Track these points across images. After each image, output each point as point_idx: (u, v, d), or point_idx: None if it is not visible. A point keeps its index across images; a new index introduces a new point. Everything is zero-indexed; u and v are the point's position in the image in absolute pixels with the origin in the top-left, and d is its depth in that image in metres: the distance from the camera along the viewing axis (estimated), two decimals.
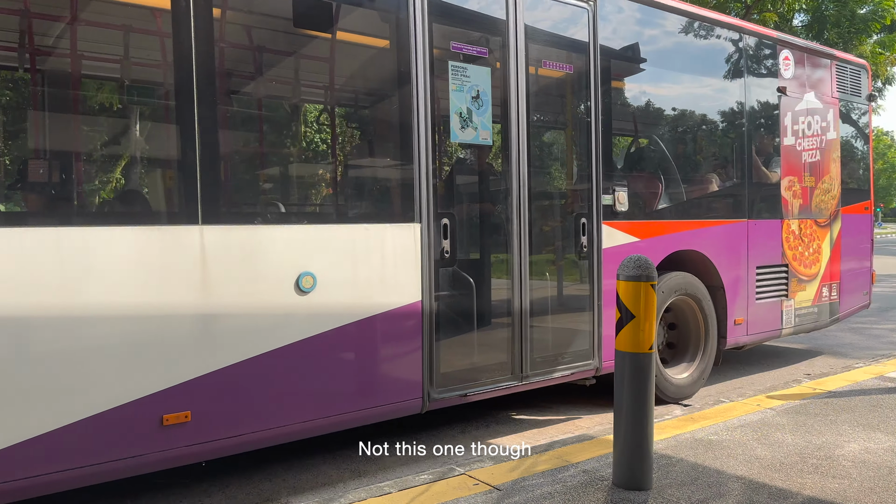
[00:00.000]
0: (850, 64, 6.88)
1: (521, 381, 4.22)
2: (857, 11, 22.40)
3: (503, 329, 4.15)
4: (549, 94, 4.71)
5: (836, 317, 6.62)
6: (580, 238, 4.46)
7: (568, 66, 4.53)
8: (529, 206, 4.19)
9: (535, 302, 4.25)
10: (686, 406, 4.91)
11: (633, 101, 5.35)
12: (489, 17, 4.10)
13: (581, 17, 4.49)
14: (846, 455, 3.66)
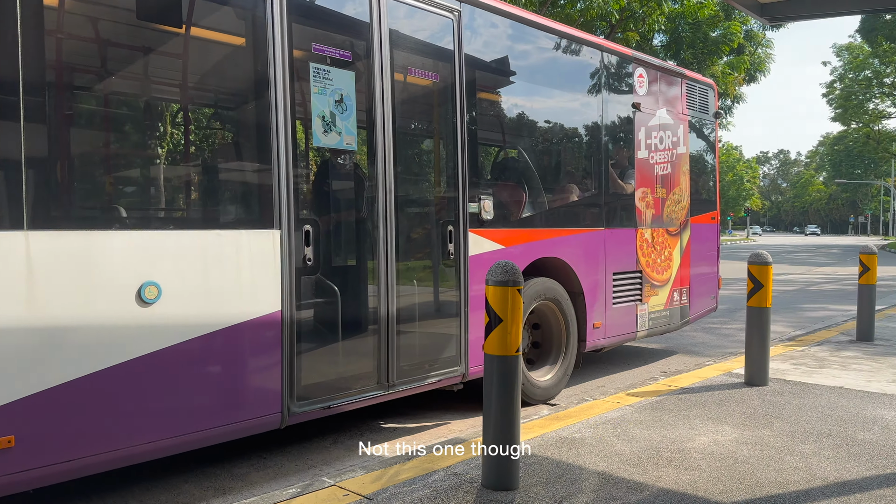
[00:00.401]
0: (698, 83, 7.42)
1: (388, 390, 4.15)
2: (710, 34, 24.34)
3: (369, 338, 4.06)
4: (415, 102, 4.71)
5: (687, 319, 7.09)
6: (447, 245, 4.49)
7: (434, 74, 4.56)
8: (396, 213, 4.14)
9: (401, 310, 4.20)
10: (553, 405, 5.06)
11: (499, 111, 5.48)
12: (352, 20, 4.04)
13: (446, 26, 4.54)
14: (697, 448, 3.90)
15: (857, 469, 3.59)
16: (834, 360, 6.44)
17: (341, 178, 4.06)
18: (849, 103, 46.86)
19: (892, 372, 5.96)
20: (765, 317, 5.45)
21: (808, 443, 4.00)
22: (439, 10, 4.46)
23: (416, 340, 4.38)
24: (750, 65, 26.99)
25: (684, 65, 23.60)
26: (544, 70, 5.66)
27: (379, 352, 4.08)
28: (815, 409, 4.74)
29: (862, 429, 4.29)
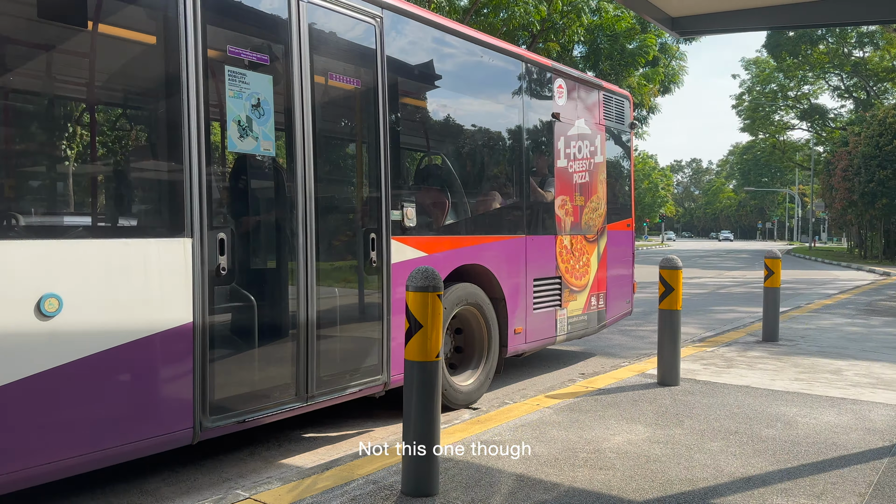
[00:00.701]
0: (615, 94, 7.67)
1: (307, 401, 4.06)
2: (627, 46, 25.20)
3: (287, 348, 3.97)
4: (336, 107, 4.67)
5: (604, 323, 7.30)
6: (370, 253, 4.47)
7: (355, 80, 4.53)
8: (316, 221, 4.07)
9: (322, 319, 4.13)
10: (475, 409, 5.11)
11: (421, 119, 5.51)
12: (270, 23, 3.97)
13: (368, 31, 4.53)
14: (612, 447, 4.02)
15: (762, 464, 3.78)
16: (741, 360, 6.77)
17: (259, 185, 3.98)
18: (756, 115, 49.45)
19: (794, 371, 6.32)
20: (676, 319, 5.68)
21: (717, 440, 4.19)
22: (360, 16, 4.45)
23: (336, 350, 4.33)
24: (664, 76, 28.11)
25: (603, 75, 24.36)
26: (466, 78, 5.73)
27: (297, 362, 3.99)
28: (723, 407, 4.96)
29: (766, 426, 4.52)
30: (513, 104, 6.09)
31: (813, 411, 4.89)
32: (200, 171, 3.46)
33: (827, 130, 47.52)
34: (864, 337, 8.56)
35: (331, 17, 4.27)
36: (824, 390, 5.54)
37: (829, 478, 3.59)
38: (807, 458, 3.90)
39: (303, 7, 4.03)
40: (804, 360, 6.82)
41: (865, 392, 5.51)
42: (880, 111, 32.67)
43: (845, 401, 5.21)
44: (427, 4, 18.52)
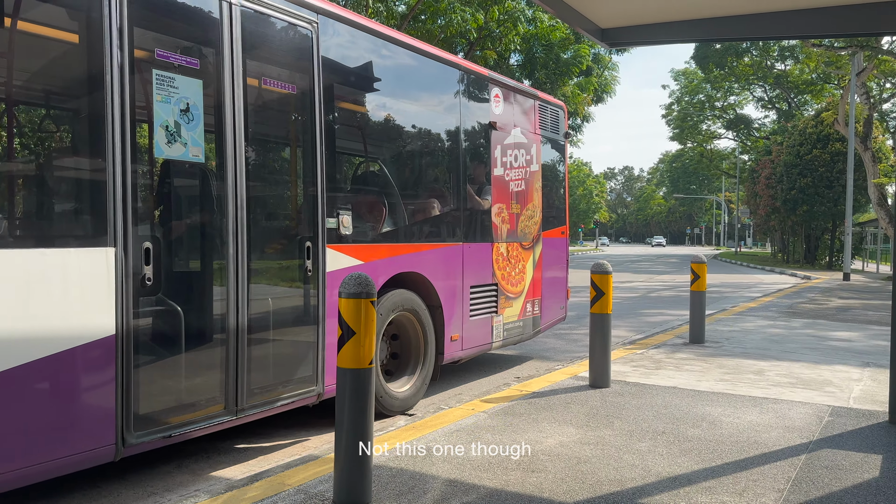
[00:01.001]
0: (550, 104, 7.82)
1: (237, 415, 3.96)
2: (562, 56, 25.71)
3: (216, 361, 3.86)
4: (271, 113, 4.59)
5: (539, 329, 7.42)
6: (304, 261, 4.41)
7: (290, 85, 4.47)
8: (248, 229, 3.98)
9: (253, 330, 4.03)
10: (410, 416, 5.11)
11: (358, 126, 5.49)
12: (201, 26, 3.87)
13: (303, 36, 4.48)
14: (544, 450, 4.09)
15: (687, 464, 3.92)
16: (669, 362, 6.99)
17: (187, 192, 3.87)
18: (685, 124, 51.20)
19: (719, 371, 6.56)
20: (606, 322, 5.82)
21: (645, 441, 4.31)
22: (295, 20, 4.40)
23: (269, 362, 4.23)
24: (598, 86, 28.79)
25: (538, 84, 24.78)
26: (404, 86, 5.73)
27: (227, 375, 3.88)
28: (651, 408, 5.11)
29: (692, 426, 4.68)
30: (450, 112, 6.13)
31: (736, 411, 5.09)
32: (125, 177, 3.34)
33: (751, 140, 49.63)
34: (786, 338, 8.97)
35: (264, 22, 4.20)
36: (747, 390, 5.77)
37: (751, 475, 3.74)
38: (730, 456, 4.05)
39: (235, 11, 3.95)
40: (729, 362, 7.10)
41: (786, 391, 5.77)
42: (801, 122, 34.33)
43: (767, 400, 5.44)
44: (364, 10, 18.47)
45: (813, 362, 7.20)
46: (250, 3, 4.04)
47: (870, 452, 4.15)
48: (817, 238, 34.61)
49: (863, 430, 4.63)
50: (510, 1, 20.86)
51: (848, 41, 21.95)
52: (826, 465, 3.92)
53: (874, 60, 22.83)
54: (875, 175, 23.54)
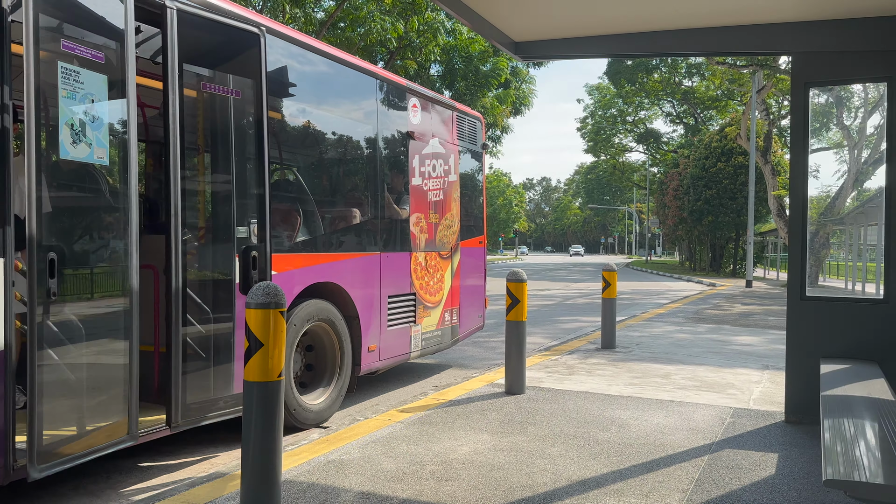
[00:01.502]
0: (468, 115, 7.90)
1: (137, 439, 3.73)
2: (481, 68, 26.09)
3: (119, 381, 3.61)
4: (182, 115, 4.41)
5: (457, 338, 7.46)
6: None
7: (209, 87, 4.32)
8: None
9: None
10: (325, 428, 5.02)
11: (274, 133, 5.35)
12: (107, 21, 3.64)
13: (247, 43, 4.33)
14: (458, 458, 4.09)
15: (597, 467, 4.01)
16: (582, 367, 7.16)
17: (92, 198, 3.65)
18: (599, 137, 52.89)
19: (629, 376, 6.77)
20: (522, 330, 5.91)
21: (557, 445, 4.39)
22: (245, 26, 4.28)
23: (187, 377, 4.06)
24: (516, 98, 29.38)
25: (458, 95, 25.05)
26: (319, 94, 5.65)
27: (130, 397, 3.64)
28: (564, 413, 5.22)
29: (602, 429, 4.80)
30: (368, 121, 6.10)
31: (644, 414, 5.26)
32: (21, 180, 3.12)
33: (660, 153, 51.76)
34: (691, 343, 9.36)
35: (178, 21, 4.03)
36: (654, 394, 5.98)
37: (657, 477, 3.87)
38: (637, 458, 4.18)
39: (129, 4, 3.73)
40: (638, 366, 7.34)
41: (690, 394, 6.01)
42: (706, 136, 36.11)
43: (673, 403, 5.65)
44: (281, 16, 18.19)
45: (716, 366, 7.54)
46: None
47: (767, 451, 4.37)
48: (722, 247, 36.42)
49: (761, 430, 4.87)
50: (430, 12, 21.02)
51: (749, 60, 23.24)
52: (727, 464, 4.10)
53: (773, 79, 24.27)
54: (774, 187, 24.98)
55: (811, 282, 24.45)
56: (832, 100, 29.72)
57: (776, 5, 4.81)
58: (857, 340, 4.90)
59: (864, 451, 2.84)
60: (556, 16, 5.27)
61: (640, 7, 4.97)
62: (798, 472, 3.97)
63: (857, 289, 21.52)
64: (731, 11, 4.99)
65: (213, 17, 4.18)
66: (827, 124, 35.66)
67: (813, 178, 60.18)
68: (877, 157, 23.14)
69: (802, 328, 5.04)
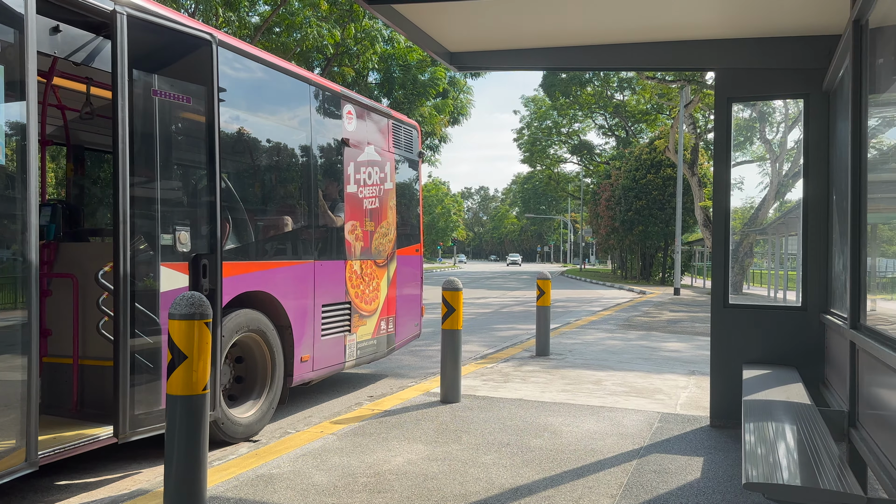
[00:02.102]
0: (404, 123, 7.89)
1: (36, 466, 3.40)
2: (420, 78, 26.18)
3: (13, 403, 3.29)
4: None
5: (393, 347, 7.41)
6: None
7: (170, 94, 4.17)
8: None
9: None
10: (255, 442, 4.89)
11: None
12: (8, 2, 3.42)
13: (199, 50, 4.23)
14: (392, 469, 4.05)
15: (529, 474, 4.04)
16: (517, 375, 7.22)
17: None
18: (534, 148, 53.76)
19: (562, 382, 6.86)
20: (457, 338, 5.92)
21: (490, 453, 4.40)
22: (196, 31, 4.14)
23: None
24: (454, 108, 29.60)
25: (396, 104, 25.04)
26: (249, 98, 5.53)
27: (28, 420, 3.32)
28: (498, 421, 5.24)
29: (535, 436, 4.84)
30: (302, 127, 6.01)
31: (576, 420, 5.34)
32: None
33: (594, 164, 53.00)
34: (622, 349, 9.57)
35: (128, 27, 3.92)
36: (586, 400, 6.08)
37: (587, 482, 3.92)
38: (569, 464, 4.23)
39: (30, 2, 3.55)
40: (571, 373, 7.45)
41: (620, 400, 6.13)
42: (637, 149, 37.16)
43: (604, 409, 5.75)
44: (215, 19, 17.80)
45: (646, 371, 7.72)
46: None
47: (693, 455, 4.49)
48: (652, 256, 37.51)
49: (687, 435, 5.01)
50: (368, 20, 20.96)
51: (677, 75, 24.08)
52: (654, 469, 4.19)
53: (699, 94, 25.20)
54: (701, 198, 25.90)
55: (736, 290, 25.45)
56: (755, 115, 31.12)
57: (701, 23, 5.00)
58: (776, 346, 5.10)
59: (783, 454, 2.95)
60: (491, 28, 5.33)
61: (571, 22, 5.08)
62: (722, 474, 4.10)
63: (780, 296, 22.49)
64: (659, 28, 5.15)
65: (162, 23, 4.08)
66: (751, 138, 37.28)
67: (738, 189, 62.72)
68: (796, 170, 24.34)
69: (725, 335, 5.22)
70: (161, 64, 4.18)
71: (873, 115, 3.59)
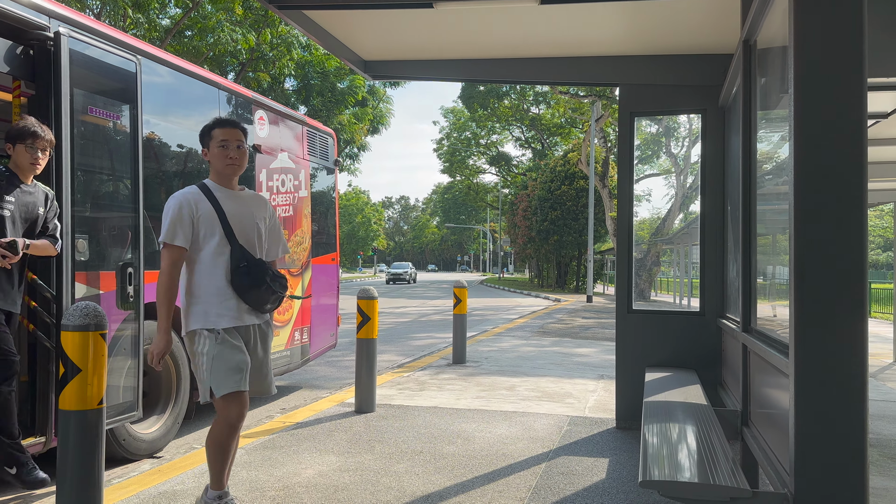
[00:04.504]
0: (319, 131, 7.80)
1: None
2: (338, 85, 25.97)
3: None
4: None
5: (308, 357, 7.29)
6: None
7: (97, 110, 4.00)
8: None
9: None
10: (158, 458, 4.70)
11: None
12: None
13: (124, 67, 4.29)
14: (302, 482, 3.98)
15: (441, 481, 4.05)
16: (433, 383, 7.25)
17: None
18: (454, 158, 54.33)
19: (477, 389, 6.94)
20: (372, 347, 5.89)
21: (403, 462, 4.40)
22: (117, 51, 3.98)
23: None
24: (373, 117, 29.53)
25: (314, 111, 24.75)
26: (157, 104, 5.33)
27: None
28: (412, 429, 5.24)
29: (448, 443, 4.87)
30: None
31: (489, 426, 5.40)
32: None
33: (511, 175, 54.03)
34: (536, 355, 9.77)
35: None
36: (500, 405, 6.16)
37: (497, 486, 3.97)
38: (480, 469, 4.27)
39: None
40: (486, 379, 7.54)
41: (533, 405, 6.25)
42: (552, 161, 38.13)
43: (516, 413, 5.85)
44: (122, 20, 17.13)
45: (558, 376, 7.91)
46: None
47: (599, 457, 4.63)
48: (566, 265, 38.51)
49: (594, 437, 5.16)
50: (284, 25, 20.65)
51: (588, 90, 24.89)
52: (562, 471, 4.29)
53: (609, 109, 26.13)
54: (611, 209, 26.84)
55: (643, 297, 26.46)
56: (662, 130, 32.54)
57: (605, 40, 5.20)
58: (677, 350, 5.34)
59: (679, 452, 3.08)
60: (405, 38, 5.37)
61: (484, 35, 5.18)
62: (626, 475, 4.24)
63: (685, 303, 23.52)
64: (567, 44, 5.33)
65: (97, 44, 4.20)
66: (658, 152, 38.91)
67: (646, 201, 65.34)
68: (699, 184, 25.57)
69: (629, 340, 5.41)
70: (91, 80, 4.23)
71: (762, 129, 3.83)
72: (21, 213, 3.69)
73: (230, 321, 3.23)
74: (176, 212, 3.20)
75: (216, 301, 3.20)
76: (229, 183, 3.43)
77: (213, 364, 3.15)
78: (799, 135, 2.44)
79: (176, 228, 3.18)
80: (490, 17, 4.79)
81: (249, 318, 3.33)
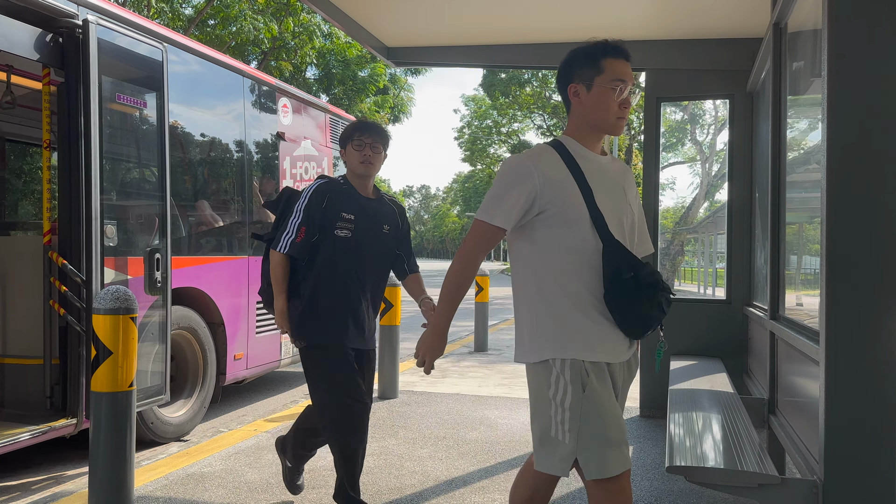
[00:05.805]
0: (342, 118, 7.81)
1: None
2: (359, 74, 25.97)
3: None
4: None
5: None
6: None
7: (125, 97, 4.06)
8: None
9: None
10: (185, 441, 4.77)
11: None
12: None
13: (153, 55, 4.26)
14: (327, 465, 4.02)
15: (464, 466, 4.07)
16: (455, 370, 7.27)
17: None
18: (475, 147, 54.07)
19: (499, 377, 6.94)
20: (395, 335, 5.92)
21: (426, 447, 4.42)
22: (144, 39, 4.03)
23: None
24: (394, 105, 29.48)
25: (336, 100, 24.79)
26: (185, 92, 5.37)
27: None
28: (435, 415, 5.26)
29: (471, 429, 4.89)
30: (236, 121, 5.88)
31: (512, 413, 5.41)
32: None
33: None
34: None
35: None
36: (522, 393, 6.17)
37: None
38: (503, 456, 4.29)
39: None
40: (508, 367, 7.54)
41: None
42: None
43: None
44: (146, 10, 17.26)
45: None
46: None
47: None
48: None
49: None
50: (305, 14, 20.66)
51: None
52: None
53: (633, 95, 25.89)
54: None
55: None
56: (687, 117, 32.14)
57: (632, 24, 5.13)
58: (702, 338, 5.29)
59: (705, 439, 3.07)
60: (429, 24, 5.34)
61: (509, 19, 5.14)
62: (650, 462, 4.23)
63: (710, 293, 23.31)
64: (592, 28, 5.26)
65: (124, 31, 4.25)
66: (682, 140, 38.45)
67: (670, 189, 64.61)
68: (724, 171, 25.27)
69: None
70: (119, 67, 4.28)
71: (792, 114, 3.76)
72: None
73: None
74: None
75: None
76: None
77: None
78: (832, 119, 2.39)
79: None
80: (514, 1, 4.75)
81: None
